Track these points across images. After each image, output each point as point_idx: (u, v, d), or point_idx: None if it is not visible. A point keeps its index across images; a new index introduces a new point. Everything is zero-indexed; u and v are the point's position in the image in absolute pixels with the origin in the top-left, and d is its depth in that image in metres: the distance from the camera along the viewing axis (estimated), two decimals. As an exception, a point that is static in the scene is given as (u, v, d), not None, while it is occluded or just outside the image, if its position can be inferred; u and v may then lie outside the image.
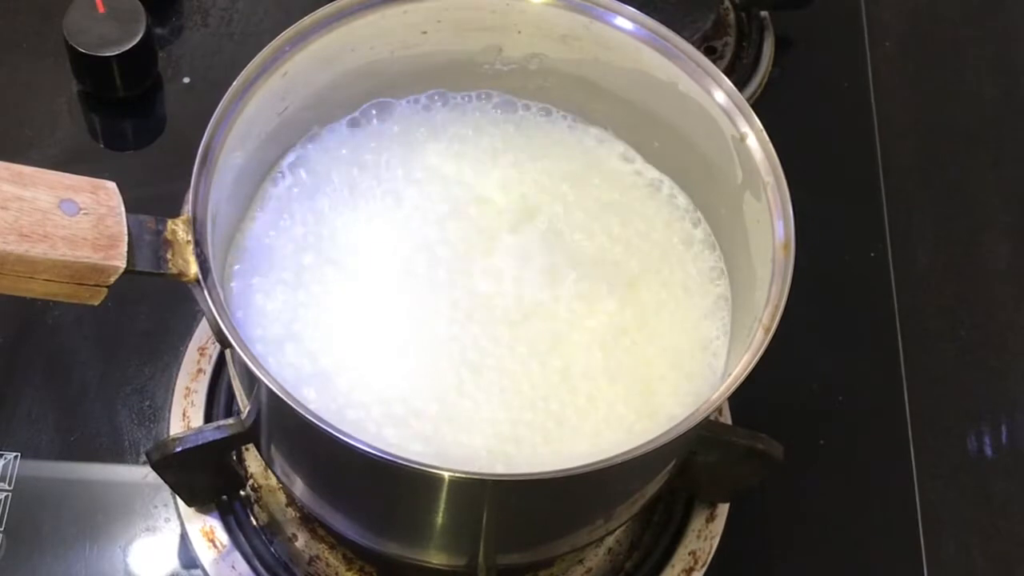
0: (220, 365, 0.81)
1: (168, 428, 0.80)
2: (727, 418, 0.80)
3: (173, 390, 0.81)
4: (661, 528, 0.79)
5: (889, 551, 0.82)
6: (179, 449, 0.68)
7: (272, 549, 0.77)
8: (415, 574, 0.73)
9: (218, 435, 0.68)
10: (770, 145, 0.66)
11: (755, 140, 0.66)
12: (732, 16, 0.99)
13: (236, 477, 0.77)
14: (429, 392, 0.65)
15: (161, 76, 0.93)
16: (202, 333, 0.82)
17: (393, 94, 0.73)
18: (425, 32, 0.70)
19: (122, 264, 0.58)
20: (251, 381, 0.63)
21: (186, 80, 0.94)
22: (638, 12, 0.69)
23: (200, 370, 0.81)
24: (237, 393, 0.69)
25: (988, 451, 0.86)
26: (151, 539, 0.78)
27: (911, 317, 0.89)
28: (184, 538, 0.77)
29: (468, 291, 0.68)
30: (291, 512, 0.78)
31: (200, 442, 0.68)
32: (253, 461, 0.79)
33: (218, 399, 0.80)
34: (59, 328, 0.83)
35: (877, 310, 0.90)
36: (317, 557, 0.77)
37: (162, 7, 0.95)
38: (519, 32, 0.71)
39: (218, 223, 0.63)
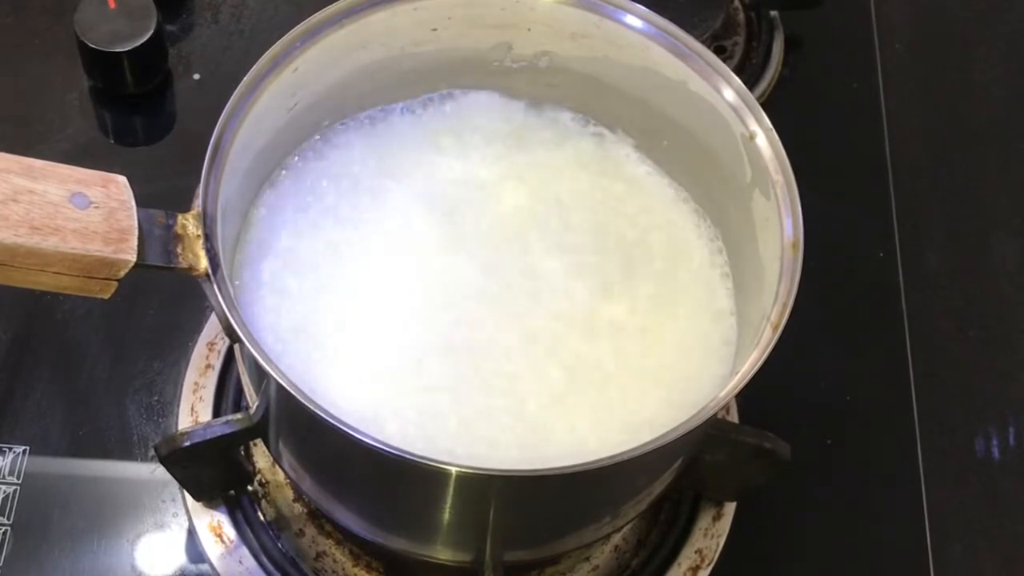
0: (229, 360, 0.81)
1: (176, 423, 0.80)
2: (734, 416, 0.81)
3: (182, 385, 0.81)
4: (668, 526, 0.79)
5: (896, 551, 0.81)
6: (187, 444, 0.68)
7: (279, 544, 0.77)
8: (421, 570, 0.73)
9: (226, 430, 0.68)
10: (779, 144, 0.66)
11: (764, 139, 0.66)
12: (742, 15, 0.99)
13: (244, 472, 0.77)
14: (438, 387, 0.65)
15: (171, 72, 0.93)
16: (211, 328, 0.82)
17: (403, 91, 0.73)
18: (435, 29, 0.70)
19: (132, 258, 0.58)
20: (260, 376, 0.63)
21: (196, 76, 0.94)
22: (648, 10, 0.69)
23: (209, 365, 0.81)
24: (246, 388, 0.69)
25: (996, 452, 0.86)
26: (159, 534, 0.78)
27: (920, 317, 0.89)
28: (192, 533, 0.77)
29: (478, 287, 0.68)
30: (298, 508, 0.78)
31: (208, 437, 0.68)
32: (261, 456, 0.79)
33: (227, 394, 0.81)
34: (68, 322, 0.84)
35: (886, 310, 0.90)
36: (324, 552, 0.77)
37: (173, 4, 0.96)
38: (529, 30, 0.71)
39: (228, 218, 0.63)
